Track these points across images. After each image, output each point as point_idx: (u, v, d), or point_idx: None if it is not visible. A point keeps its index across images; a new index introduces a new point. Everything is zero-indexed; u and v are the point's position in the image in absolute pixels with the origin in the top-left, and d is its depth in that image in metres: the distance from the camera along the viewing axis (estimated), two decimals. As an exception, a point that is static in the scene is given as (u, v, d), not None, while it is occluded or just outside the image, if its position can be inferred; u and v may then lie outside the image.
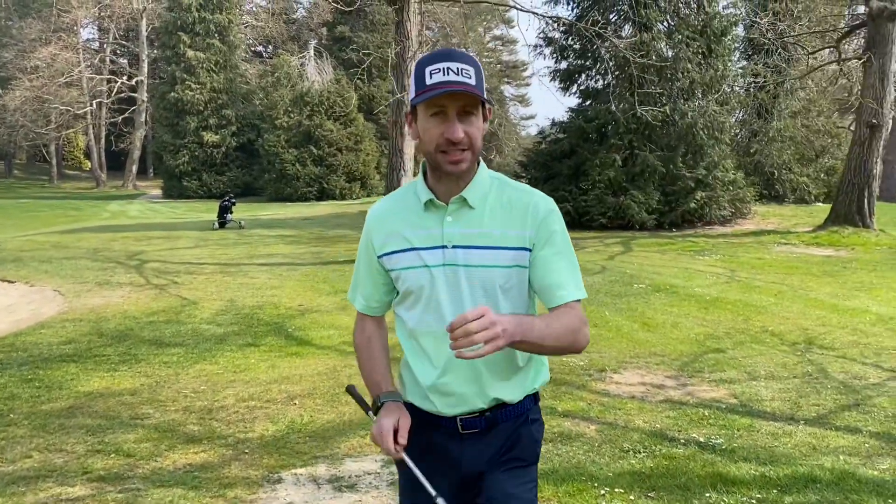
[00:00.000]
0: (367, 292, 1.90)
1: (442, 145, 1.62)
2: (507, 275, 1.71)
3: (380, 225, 1.81)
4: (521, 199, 1.74)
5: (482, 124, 1.68)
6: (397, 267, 1.77)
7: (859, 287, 9.77)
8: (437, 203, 1.72)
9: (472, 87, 1.60)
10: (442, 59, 1.62)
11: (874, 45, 14.39)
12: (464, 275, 1.70)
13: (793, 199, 20.42)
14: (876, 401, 5.01)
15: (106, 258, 12.02)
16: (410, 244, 1.74)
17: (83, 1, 41.56)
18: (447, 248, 1.70)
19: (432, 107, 1.62)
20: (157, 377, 5.48)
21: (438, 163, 1.65)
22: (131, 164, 40.98)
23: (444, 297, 1.72)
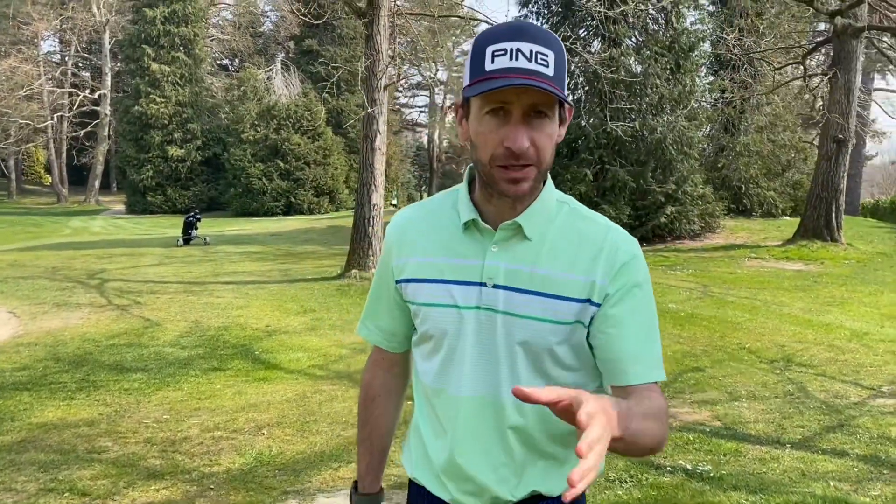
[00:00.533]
0: (384, 322, 1.50)
1: (499, 157, 1.21)
2: (564, 335, 1.29)
3: (403, 240, 1.42)
4: (595, 235, 1.31)
5: (558, 131, 1.26)
6: (418, 300, 1.38)
7: (831, 302, 9.79)
8: (483, 226, 1.32)
9: (548, 81, 1.17)
10: (511, 37, 1.19)
11: (839, 62, 14.58)
12: (502, 326, 1.30)
13: (760, 213, 20.61)
14: (859, 421, 4.93)
15: (65, 277, 11.61)
16: (440, 274, 1.34)
17: (44, 13, 40.78)
18: (485, 287, 1.30)
19: (490, 102, 1.21)
20: (116, 406, 5.20)
21: (493, 179, 1.25)
22: (94, 179, 40.13)
23: (470, 351, 1.32)
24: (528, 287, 1.28)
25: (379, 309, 1.50)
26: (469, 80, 1.23)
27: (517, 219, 1.29)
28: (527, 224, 1.30)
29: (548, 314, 1.27)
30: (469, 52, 1.26)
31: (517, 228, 1.30)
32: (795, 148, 21.71)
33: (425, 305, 1.36)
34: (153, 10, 33.23)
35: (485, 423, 1.33)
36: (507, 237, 1.30)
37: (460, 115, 1.32)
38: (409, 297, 1.40)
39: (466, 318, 1.32)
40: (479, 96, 1.21)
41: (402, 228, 1.44)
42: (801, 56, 17.16)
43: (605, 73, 13.30)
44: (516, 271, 1.29)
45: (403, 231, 1.43)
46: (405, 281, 1.40)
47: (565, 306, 1.27)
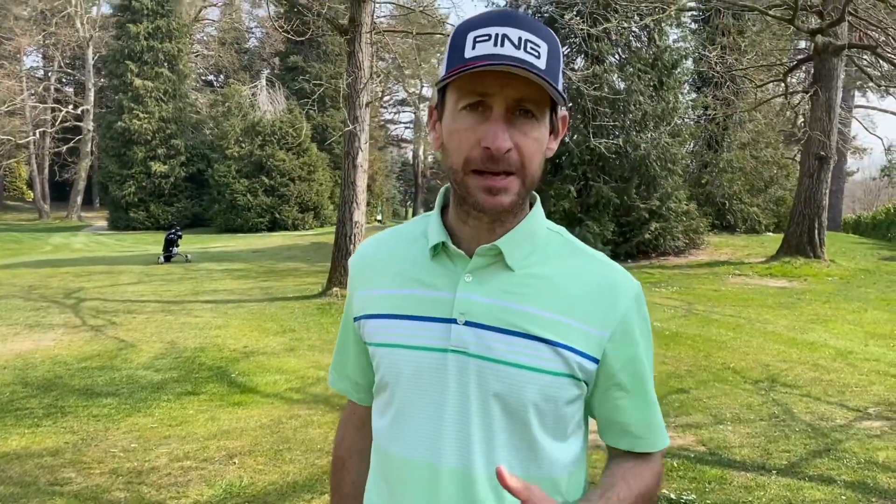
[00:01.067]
0: (350, 370, 1.29)
1: (475, 160, 1.01)
2: (552, 389, 1.06)
3: (363, 271, 1.20)
4: (594, 275, 1.10)
5: (548, 139, 1.06)
6: (374, 340, 1.15)
7: (815, 319, 9.75)
8: (454, 251, 1.09)
9: (540, 70, 0.97)
10: (497, 22, 1.00)
11: (820, 79, 14.67)
12: (475, 374, 1.06)
13: (744, 229, 20.66)
14: (846, 445, 4.83)
15: (41, 296, 11.38)
16: (401, 308, 1.11)
17: (27, 28, 40.57)
18: (456, 325, 1.07)
19: (468, 94, 1.00)
20: (83, 433, 5.03)
21: (467, 189, 1.03)
22: (76, 195, 39.78)
23: (431, 404, 1.08)
24: (508, 326, 1.05)
25: (345, 355, 1.29)
26: (446, 70, 1.02)
27: (497, 242, 1.07)
28: (509, 250, 1.08)
29: (531, 360, 1.05)
30: (448, 41, 1.06)
31: (497, 255, 1.08)
32: (778, 164, 21.84)
33: (381, 346, 1.14)
34: (137, 25, 33.14)
35: (447, 501, 1.08)
36: (484, 265, 1.08)
37: (434, 118, 1.11)
38: (366, 337, 1.18)
39: (430, 363, 1.08)
40: (454, 89, 1.02)
41: (363, 258, 1.22)
42: (782, 74, 17.28)
43: (589, 90, 13.30)
44: (494, 306, 1.06)
45: (365, 261, 1.22)
46: (363, 318, 1.18)
47: (553, 353, 1.05)
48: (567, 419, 1.10)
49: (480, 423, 1.06)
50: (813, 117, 14.95)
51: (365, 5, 10.81)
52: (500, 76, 0.97)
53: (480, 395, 1.06)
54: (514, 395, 1.05)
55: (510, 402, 1.06)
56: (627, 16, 15.41)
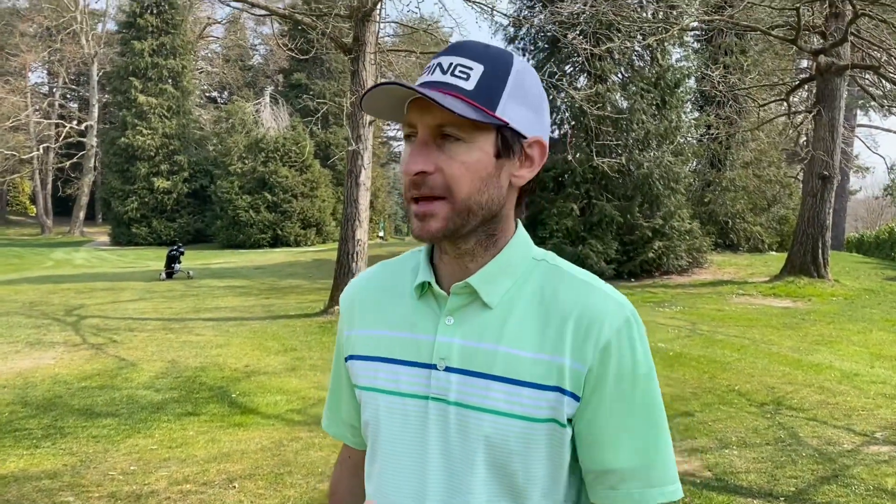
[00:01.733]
0: (344, 412, 1.24)
1: (407, 187, 1.01)
2: (537, 434, 1.00)
3: (353, 308, 1.16)
4: (580, 304, 1.01)
5: (484, 160, 0.99)
6: (359, 383, 1.12)
7: (820, 340, 9.69)
8: (436, 291, 1.05)
9: (451, 92, 0.96)
10: (446, 52, 1.01)
11: (823, 99, 14.68)
12: (456, 424, 1.01)
13: (747, 248, 20.62)
14: (854, 471, 4.77)
15: (42, 313, 11.35)
16: (385, 350, 1.08)
17: (32, 45, 40.85)
18: (436, 371, 1.02)
19: (405, 124, 1.01)
20: (82, 455, 4.97)
21: (410, 218, 1.03)
22: (79, 210, 39.86)
23: (413, 456, 1.04)
24: (487, 370, 0.99)
25: (339, 396, 1.24)
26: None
27: (469, 280, 1.02)
28: (483, 287, 1.02)
29: (513, 407, 0.98)
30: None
31: (472, 293, 1.02)
32: (781, 183, 21.84)
33: (365, 390, 1.10)
34: (141, 42, 33.36)
35: None
36: (461, 304, 1.03)
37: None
38: (353, 379, 1.13)
39: (411, 411, 1.03)
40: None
41: (353, 295, 1.18)
42: (785, 93, 17.31)
43: (592, 108, 13.32)
44: (473, 350, 1.00)
45: (354, 298, 1.17)
46: (351, 358, 1.14)
47: (532, 396, 0.98)
48: (555, 466, 1.02)
49: (464, 475, 1.01)
50: (816, 137, 14.95)
51: (369, 25, 10.85)
52: (422, 104, 0.98)
53: (463, 446, 1.00)
54: (497, 445, 0.99)
55: (493, 452, 0.99)
56: (630, 35, 15.46)
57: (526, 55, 18.14)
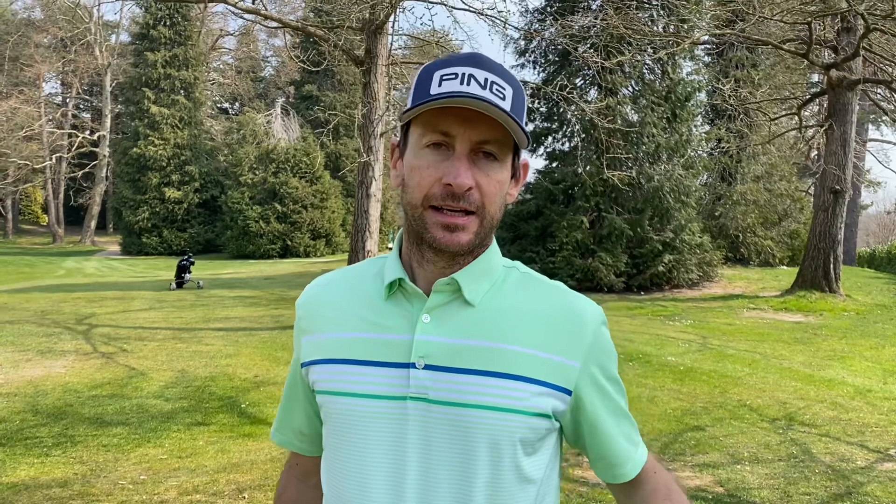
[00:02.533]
0: (297, 420, 1.21)
1: (435, 196, 0.98)
2: (525, 427, 1.01)
3: (311, 313, 1.13)
4: (558, 304, 1.06)
5: (509, 182, 1.05)
6: (321, 387, 1.08)
7: (832, 356, 9.62)
8: (411, 288, 1.04)
9: (504, 110, 0.96)
10: (463, 63, 0.99)
11: (835, 114, 14.64)
12: (438, 422, 1.00)
13: (758, 262, 20.53)
14: (867, 488, 4.72)
15: (53, 322, 11.40)
16: (354, 353, 1.04)
17: (47, 56, 41.27)
18: (415, 369, 1.00)
19: (432, 131, 0.98)
20: (93, 464, 4.98)
21: (423, 224, 1.00)
22: (90, 220, 40.12)
23: (390, 459, 1.02)
24: (472, 366, 1.00)
25: (292, 404, 1.22)
26: (410, 105, 1.01)
27: (454, 275, 1.03)
28: (467, 284, 1.03)
29: (499, 400, 0.99)
30: (414, 79, 1.04)
31: (455, 290, 1.03)
32: (792, 197, 21.76)
33: (331, 395, 1.06)
34: (154, 53, 33.64)
35: None
36: (442, 302, 1.03)
37: (395, 155, 1.08)
38: (314, 384, 1.10)
39: (388, 413, 1.01)
40: (418, 126, 1.00)
41: (311, 299, 1.14)
42: (796, 107, 17.28)
43: (602, 122, 13.33)
44: (455, 346, 1.00)
45: (313, 302, 1.14)
46: (311, 363, 1.10)
47: (522, 390, 1.00)
48: (541, 458, 1.05)
49: (448, 474, 1.00)
50: (828, 151, 14.89)
51: (381, 37, 10.91)
52: (464, 116, 0.97)
53: (446, 444, 1.00)
54: (484, 440, 0.99)
55: (478, 447, 1.00)
56: (641, 49, 15.51)
57: (537, 68, 18.20)
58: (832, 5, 13.73)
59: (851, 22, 14.32)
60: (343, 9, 11.99)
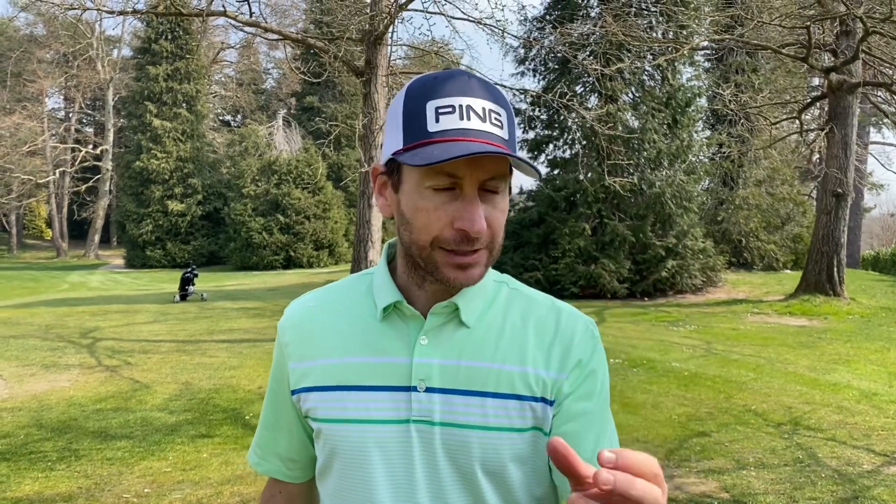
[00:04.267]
0: (281, 447, 1.17)
1: (447, 240, 0.96)
2: (523, 445, 1.02)
3: (300, 337, 1.09)
4: (545, 319, 1.07)
5: (507, 205, 1.03)
6: (319, 415, 1.05)
7: (837, 360, 9.58)
8: (409, 311, 1.03)
9: (499, 144, 0.94)
10: (457, 91, 0.95)
11: (836, 117, 14.64)
12: (443, 444, 1.00)
13: (761, 267, 20.50)
14: (874, 492, 4.70)
15: (57, 336, 11.42)
16: (352, 378, 1.03)
17: (49, 71, 41.48)
18: (416, 392, 1.00)
19: (437, 175, 0.94)
20: (97, 477, 4.98)
21: (434, 264, 0.98)
22: (94, 234, 40.23)
23: (395, 485, 1.01)
24: (472, 387, 1.00)
25: (277, 431, 1.17)
26: (404, 142, 0.96)
27: (453, 299, 1.02)
28: (465, 306, 1.03)
29: (501, 420, 0.99)
30: (399, 105, 0.98)
31: (452, 312, 1.03)
32: (794, 201, 21.74)
33: (330, 422, 1.03)
34: (156, 67, 33.80)
35: None
36: (439, 324, 1.03)
37: (380, 182, 1.04)
38: (310, 412, 1.07)
39: (391, 437, 1.00)
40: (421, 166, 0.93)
41: (297, 322, 1.10)
42: (797, 111, 17.28)
43: (603, 128, 13.35)
44: (454, 367, 1.00)
45: (299, 326, 1.10)
46: (304, 390, 1.07)
47: (521, 408, 1.00)
48: (538, 475, 1.04)
49: (458, 496, 1.00)
50: (829, 154, 14.89)
51: (381, 48, 10.96)
52: (470, 158, 0.93)
53: (452, 466, 1.00)
54: (490, 460, 1.00)
55: (486, 467, 1.00)
56: (640, 55, 15.55)
57: (537, 76, 18.26)
58: (830, 9, 13.76)
59: (850, 25, 14.34)
60: (343, 20, 12.06)
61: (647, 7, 16.77)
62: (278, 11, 42.85)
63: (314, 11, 32.77)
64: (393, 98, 1.08)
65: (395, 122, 0.99)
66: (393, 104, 1.01)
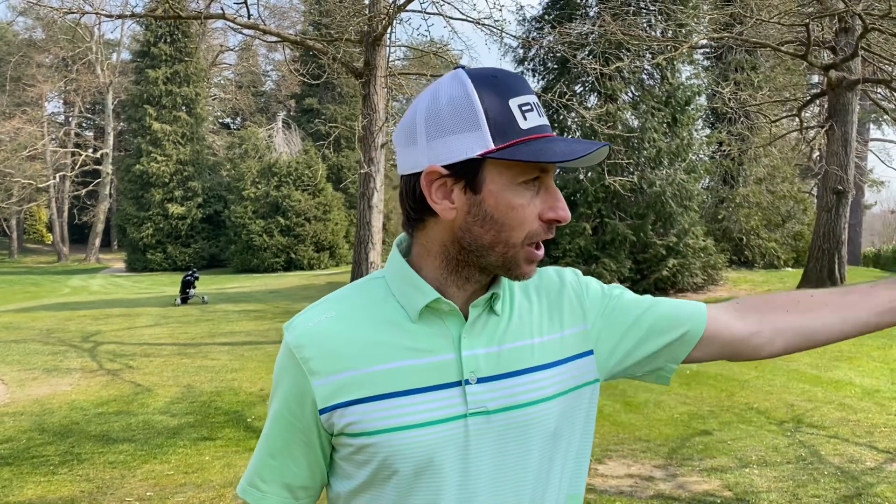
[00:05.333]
0: (291, 476, 1.08)
1: (538, 233, 0.98)
2: (580, 400, 1.08)
3: (323, 351, 1.02)
4: (543, 286, 1.12)
5: None
6: (369, 428, 0.98)
7: (838, 357, 9.56)
8: (449, 306, 1.01)
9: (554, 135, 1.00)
10: (526, 89, 0.98)
11: (835, 114, 14.64)
12: (503, 429, 1.01)
13: (762, 265, 20.48)
14: (877, 489, 4.69)
15: (59, 340, 11.43)
16: (401, 383, 0.99)
17: (49, 75, 41.51)
18: (469, 385, 1.00)
19: (532, 169, 0.96)
20: (99, 481, 4.98)
21: (516, 261, 1.00)
22: (94, 237, 40.23)
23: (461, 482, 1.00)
24: (518, 367, 1.02)
25: (284, 457, 1.07)
26: (495, 141, 0.94)
27: (493, 289, 1.04)
28: (499, 294, 1.05)
29: (550, 389, 1.03)
30: (469, 102, 0.95)
31: (487, 304, 1.04)
32: (795, 199, 21.73)
33: (384, 433, 0.98)
34: (156, 71, 33.80)
35: None
36: (475, 315, 1.03)
37: (439, 184, 0.98)
38: (351, 428, 1.00)
39: (450, 435, 0.98)
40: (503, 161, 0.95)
41: (318, 336, 1.03)
42: (796, 109, 17.28)
43: (602, 128, 13.34)
44: (497, 354, 1.02)
45: (322, 339, 1.02)
46: (343, 405, 0.99)
47: (573, 368, 1.07)
48: (590, 421, 1.12)
49: (523, 476, 1.02)
50: (829, 151, 14.89)
51: (379, 49, 10.96)
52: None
53: (513, 448, 1.01)
54: (548, 430, 1.03)
55: (545, 438, 1.03)
56: (639, 54, 15.53)
57: (536, 76, 18.24)
58: (829, 6, 13.75)
59: (849, 22, 14.33)
60: (341, 22, 12.06)
61: (646, 6, 16.76)
62: (277, 13, 42.92)
63: (313, 13, 32.78)
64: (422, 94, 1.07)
65: (465, 119, 0.95)
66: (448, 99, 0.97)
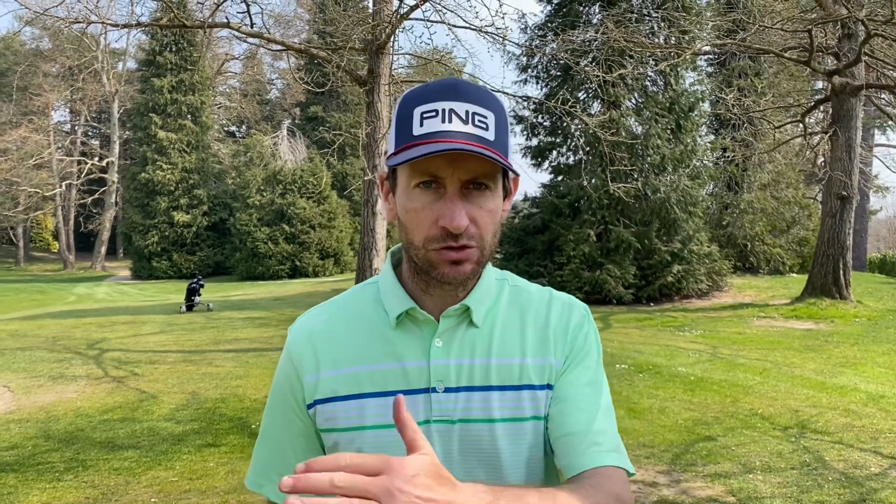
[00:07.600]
0: (290, 462, 1.11)
1: (435, 238, 1.00)
2: (526, 433, 1.06)
3: (312, 349, 1.10)
4: (543, 307, 1.12)
5: (501, 204, 1.05)
6: (339, 425, 1.06)
7: (843, 363, 9.55)
8: (423, 316, 1.07)
9: (489, 147, 0.97)
10: (442, 96, 0.99)
11: (839, 120, 14.63)
12: (461, 440, 1.04)
13: (767, 271, 20.45)
14: (882, 494, 4.68)
15: (64, 348, 11.46)
16: (372, 385, 1.05)
17: (55, 84, 41.75)
18: (436, 393, 1.04)
19: (420, 173, 0.99)
20: (104, 487, 5.00)
21: (431, 263, 1.02)
22: (100, 245, 40.38)
23: None
24: (487, 383, 1.05)
25: (284, 450, 1.13)
26: (394, 147, 1.02)
27: (465, 301, 1.07)
28: (475, 307, 1.08)
29: (506, 412, 1.04)
30: (394, 115, 1.05)
31: (463, 313, 1.08)
32: (799, 204, 21.70)
33: (350, 431, 1.05)
34: (161, 79, 33.98)
35: None
36: (451, 326, 1.07)
37: (386, 188, 1.10)
38: (327, 423, 1.07)
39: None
40: (405, 166, 1.00)
41: (309, 335, 1.12)
42: (800, 114, 17.27)
43: (606, 135, 13.35)
44: (469, 366, 1.05)
45: (312, 338, 1.11)
46: (322, 401, 1.07)
47: (529, 397, 1.06)
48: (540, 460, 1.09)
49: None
50: (833, 157, 14.87)
51: (383, 57, 11.01)
52: (451, 157, 0.97)
53: (466, 461, 1.04)
54: (494, 450, 1.04)
55: (493, 458, 1.04)
56: (642, 61, 15.55)
57: (539, 83, 18.29)
58: (832, 13, 13.76)
59: (852, 28, 14.34)
60: (345, 30, 12.12)
61: (649, 13, 16.80)
62: (281, 22, 43.12)
63: (317, 22, 32.96)
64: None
65: (392, 128, 1.05)
66: (394, 114, 1.05)
